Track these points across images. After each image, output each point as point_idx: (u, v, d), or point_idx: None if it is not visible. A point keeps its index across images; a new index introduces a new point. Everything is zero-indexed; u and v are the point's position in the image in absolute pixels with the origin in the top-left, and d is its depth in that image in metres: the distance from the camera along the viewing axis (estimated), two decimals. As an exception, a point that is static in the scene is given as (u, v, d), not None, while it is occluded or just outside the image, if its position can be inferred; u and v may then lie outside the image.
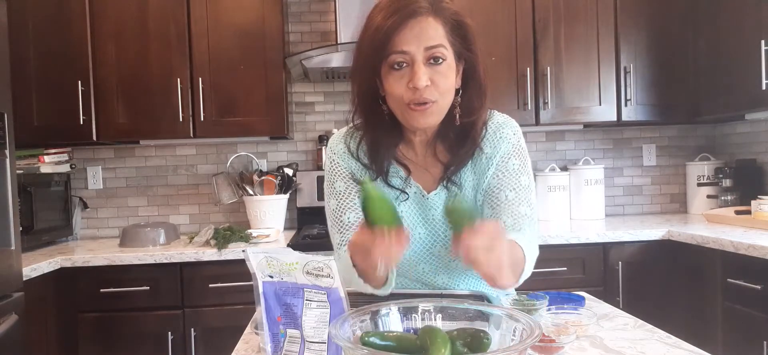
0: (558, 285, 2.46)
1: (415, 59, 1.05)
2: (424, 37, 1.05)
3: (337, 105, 3.17)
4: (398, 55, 1.06)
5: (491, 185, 1.20)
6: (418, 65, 1.05)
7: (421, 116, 1.09)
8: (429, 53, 1.06)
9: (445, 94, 1.09)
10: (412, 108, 1.08)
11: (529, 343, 0.65)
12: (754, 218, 2.42)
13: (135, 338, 2.46)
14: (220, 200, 2.97)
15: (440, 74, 1.07)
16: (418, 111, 1.08)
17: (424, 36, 1.05)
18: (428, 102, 1.07)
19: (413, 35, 1.05)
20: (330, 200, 1.25)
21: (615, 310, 1.35)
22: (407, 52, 1.05)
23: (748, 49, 2.44)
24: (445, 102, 1.11)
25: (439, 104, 1.09)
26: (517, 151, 1.21)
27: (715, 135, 3.24)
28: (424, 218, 1.22)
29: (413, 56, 1.06)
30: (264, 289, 0.89)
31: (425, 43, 1.05)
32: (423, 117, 1.09)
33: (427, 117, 1.09)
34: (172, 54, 2.75)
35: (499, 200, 1.18)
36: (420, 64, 1.05)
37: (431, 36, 1.06)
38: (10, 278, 2.01)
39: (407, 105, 1.08)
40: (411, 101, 1.07)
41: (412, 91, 1.06)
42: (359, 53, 1.13)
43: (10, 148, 2.05)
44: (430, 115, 1.09)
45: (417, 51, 1.05)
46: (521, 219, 1.18)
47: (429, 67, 1.06)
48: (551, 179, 3.07)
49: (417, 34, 1.05)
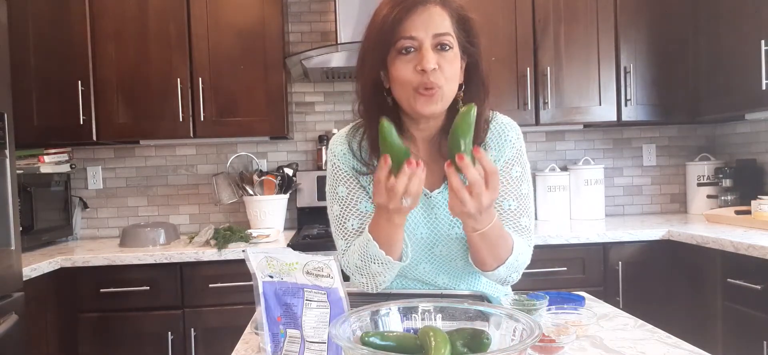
0: (558, 285, 2.46)
1: (424, 44, 1.07)
2: (432, 24, 1.07)
3: (337, 105, 3.17)
4: (407, 40, 1.07)
5: None
6: (426, 49, 1.07)
7: (427, 102, 1.09)
8: (437, 40, 1.08)
9: (451, 81, 1.10)
10: (419, 92, 1.09)
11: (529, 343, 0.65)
12: (754, 218, 2.42)
13: (135, 338, 2.46)
14: (220, 200, 2.97)
15: (447, 60, 1.09)
16: (424, 96, 1.08)
17: (432, 23, 1.07)
18: (435, 87, 1.08)
19: (421, 21, 1.07)
20: (333, 205, 1.25)
21: (615, 310, 1.35)
22: (415, 38, 1.07)
23: (748, 49, 2.44)
24: (450, 89, 1.11)
25: (444, 90, 1.10)
26: (519, 158, 1.22)
27: (715, 135, 3.24)
28: (427, 217, 1.22)
29: (421, 41, 1.07)
30: (264, 289, 0.89)
31: (433, 30, 1.07)
32: (428, 104, 1.09)
33: (432, 104, 1.10)
34: (172, 54, 2.75)
35: (502, 209, 1.20)
36: (428, 49, 1.07)
37: (439, 23, 1.08)
38: (10, 278, 2.01)
39: (414, 89, 1.09)
40: (419, 85, 1.08)
41: (420, 75, 1.07)
42: (367, 43, 1.14)
43: (10, 149, 2.05)
44: (436, 101, 1.10)
45: (425, 36, 1.07)
46: (521, 231, 1.21)
47: (436, 53, 1.08)
48: (551, 179, 3.07)
49: (425, 21, 1.07)
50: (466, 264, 1.22)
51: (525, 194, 1.22)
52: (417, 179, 0.99)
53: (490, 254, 1.12)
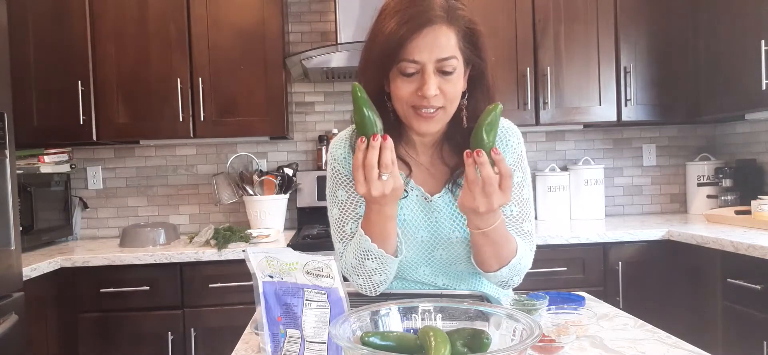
0: (558, 285, 2.46)
1: (426, 69, 1.05)
2: (436, 47, 1.05)
3: (337, 105, 3.17)
4: (409, 64, 1.06)
5: None
6: (428, 75, 1.05)
7: (426, 123, 1.09)
8: (440, 64, 1.06)
9: (452, 101, 1.10)
10: (417, 113, 1.08)
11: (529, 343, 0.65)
12: (754, 218, 2.42)
13: (135, 338, 2.46)
14: (220, 200, 2.97)
15: (450, 83, 1.07)
16: (423, 117, 1.08)
17: (436, 46, 1.05)
18: (435, 108, 1.08)
19: (426, 44, 1.05)
20: (332, 209, 1.25)
21: (615, 310, 1.35)
22: (418, 62, 1.05)
23: (748, 49, 2.44)
24: (452, 108, 1.11)
25: (445, 110, 1.10)
26: (520, 164, 1.22)
27: (715, 135, 3.24)
28: (427, 221, 1.22)
29: (424, 65, 1.05)
30: (264, 289, 0.89)
31: (437, 55, 1.05)
32: (427, 124, 1.09)
33: (431, 124, 1.10)
34: (172, 54, 2.75)
35: (504, 214, 1.19)
36: (430, 74, 1.05)
37: (443, 46, 1.05)
38: (10, 278, 2.01)
39: (414, 110, 1.08)
40: (418, 107, 1.08)
41: (420, 99, 1.06)
42: (369, 54, 1.12)
43: (10, 148, 2.05)
44: (435, 122, 1.10)
45: (428, 61, 1.05)
46: (523, 236, 1.21)
47: (438, 76, 1.06)
48: (551, 179, 3.07)
49: (430, 44, 1.05)
50: (467, 267, 1.22)
51: (526, 199, 1.22)
52: (387, 150, 0.98)
53: (493, 255, 1.12)
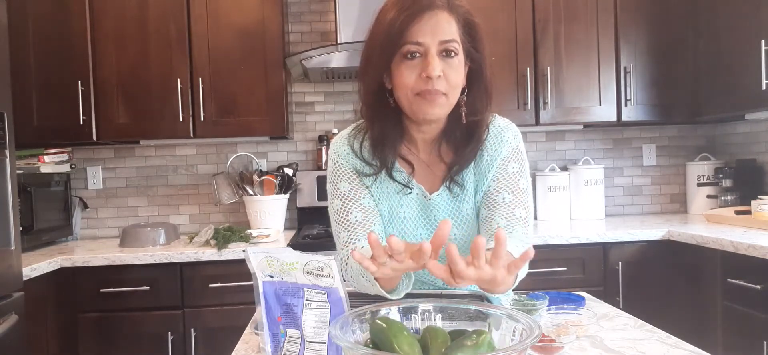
0: (558, 285, 2.46)
1: (429, 50, 1.07)
2: (438, 30, 1.07)
3: (337, 105, 3.17)
4: (412, 45, 1.07)
5: (490, 187, 1.20)
6: (431, 56, 1.07)
7: (430, 105, 1.09)
8: (443, 46, 1.07)
9: (454, 89, 1.11)
10: (421, 96, 1.08)
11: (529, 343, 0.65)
12: (754, 218, 2.42)
13: (135, 338, 2.46)
14: (220, 200, 2.97)
15: (452, 68, 1.08)
16: (427, 100, 1.08)
17: (438, 29, 1.07)
18: (438, 93, 1.08)
19: (429, 27, 1.07)
20: (334, 201, 1.24)
21: (615, 310, 1.35)
22: (421, 44, 1.07)
23: (748, 49, 2.44)
24: (453, 96, 1.12)
25: (448, 97, 1.10)
26: (516, 155, 1.22)
27: (715, 135, 3.24)
28: (426, 219, 1.23)
29: (427, 47, 1.07)
30: (264, 289, 0.89)
31: (440, 37, 1.07)
32: (431, 106, 1.09)
33: (435, 107, 1.10)
34: (172, 54, 2.75)
35: (496, 202, 1.19)
36: (433, 55, 1.07)
37: (445, 30, 1.07)
38: (10, 278, 2.01)
39: (417, 94, 1.09)
40: (422, 90, 1.08)
41: (425, 81, 1.07)
42: (371, 45, 1.14)
43: (10, 149, 2.05)
44: (438, 105, 1.10)
45: (431, 42, 1.07)
46: (515, 221, 1.18)
47: (441, 60, 1.08)
48: (551, 179, 3.07)
49: (432, 27, 1.07)
50: None
51: (523, 189, 1.20)
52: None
53: None
